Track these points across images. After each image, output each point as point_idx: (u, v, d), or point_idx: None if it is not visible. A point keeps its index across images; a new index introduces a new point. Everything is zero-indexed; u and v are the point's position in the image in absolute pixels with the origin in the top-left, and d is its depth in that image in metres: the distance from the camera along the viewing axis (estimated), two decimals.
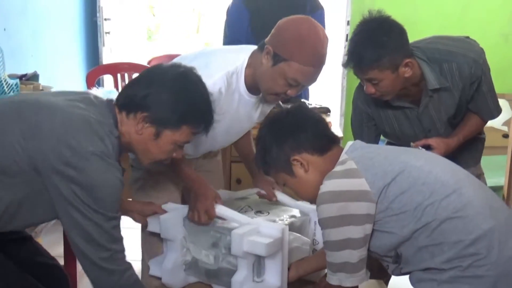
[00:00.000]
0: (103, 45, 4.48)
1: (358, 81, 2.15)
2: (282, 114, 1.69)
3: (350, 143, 1.62)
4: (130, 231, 3.39)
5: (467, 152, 2.19)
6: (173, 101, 1.59)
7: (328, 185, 1.49)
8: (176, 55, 4.94)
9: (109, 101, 1.66)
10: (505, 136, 3.03)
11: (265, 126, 1.69)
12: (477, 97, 2.09)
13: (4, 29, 3.27)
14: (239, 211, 1.99)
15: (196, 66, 1.86)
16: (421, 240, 1.43)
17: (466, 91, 2.06)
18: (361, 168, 1.49)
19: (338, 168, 1.53)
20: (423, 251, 1.43)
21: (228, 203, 2.07)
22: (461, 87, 2.04)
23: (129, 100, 1.62)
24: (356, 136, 2.24)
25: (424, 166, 1.50)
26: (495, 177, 2.76)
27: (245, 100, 1.97)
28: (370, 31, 1.93)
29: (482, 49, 2.07)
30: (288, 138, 1.60)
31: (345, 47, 4.10)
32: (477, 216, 1.42)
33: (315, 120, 1.65)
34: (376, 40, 1.91)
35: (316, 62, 1.83)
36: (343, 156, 1.56)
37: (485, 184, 2.20)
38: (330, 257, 1.50)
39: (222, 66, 1.90)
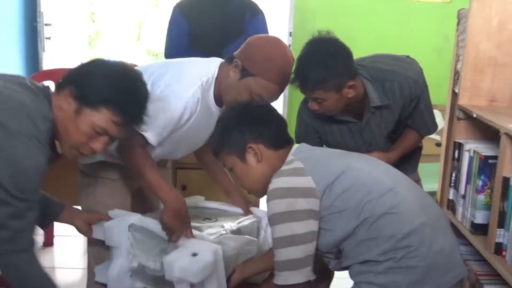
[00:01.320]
0: (44, 50, 4.38)
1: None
2: (252, 104, 1.75)
3: (296, 145, 1.70)
4: (74, 239, 3.37)
5: (406, 160, 2.30)
6: (101, 80, 1.59)
7: (278, 182, 1.56)
8: None
9: (46, 86, 1.65)
10: (438, 144, 3.18)
11: (233, 109, 1.75)
12: (415, 115, 2.20)
13: None
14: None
15: (165, 76, 1.92)
16: (360, 234, 1.51)
17: (406, 109, 2.16)
18: (307, 168, 1.57)
19: (285, 167, 1.60)
20: (361, 245, 1.52)
21: None
22: (401, 105, 2.14)
23: (63, 79, 1.63)
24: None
25: (364, 168, 1.60)
26: (430, 183, 2.89)
27: (211, 111, 2.01)
28: (317, 53, 1.99)
29: (421, 68, 2.18)
30: (252, 126, 1.67)
31: None
32: (410, 213, 1.52)
33: (279, 120, 1.74)
34: (322, 63, 1.96)
35: (281, 80, 1.92)
36: (289, 157, 1.64)
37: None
38: (277, 255, 1.55)
39: (197, 76, 1.94)
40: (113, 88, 1.58)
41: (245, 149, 1.65)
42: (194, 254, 1.77)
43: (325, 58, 1.97)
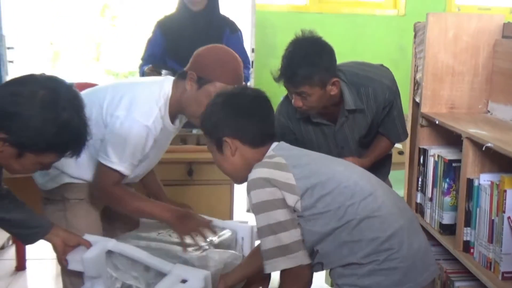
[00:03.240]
0: (7, 74, 4.34)
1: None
2: (242, 94, 1.75)
3: (276, 143, 1.71)
4: (46, 262, 3.34)
5: (378, 166, 2.39)
6: (39, 130, 1.52)
7: (259, 172, 1.57)
8: (81, 83, 4.89)
9: None
10: (401, 153, 3.29)
11: (224, 95, 1.74)
12: (387, 121, 2.29)
13: None
14: (169, 234, 2.06)
15: (120, 103, 1.95)
16: (343, 237, 1.55)
17: (378, 114, 2.26)
18: (290, 164, 1.59)
19: (266, 160, 1.62)
20: (344, 247, 1.55)
21: (154, 227, 2.14)
22: (374, 110, 2.23)
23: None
24: None
25: (344, 172, 1.65)
26: (396, 190, 2.99)
27: (169, 132, 2.09)
28: (303, 50, 2.09)
29: (394, 77, 2.29)
30: (231, 120, 1.67)
31: (250, 74, 4.28)
32: (390, 216, 1.58)
33: (264, 116, 1.72)
34: (309, 59, 2.06)
35: (237, 80, 2.01)
36: (270, 152, 1.66)
37: None
38: (263, 245, 1.56)
39: (153, 102, 1.98)
40: (53, 134, 1.54)
41: (222, 141, 1.68)
42: (184, 281, 1.77)
43: (311, 55, 2.07)
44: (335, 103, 2.20)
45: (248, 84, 3.63)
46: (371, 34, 4.98)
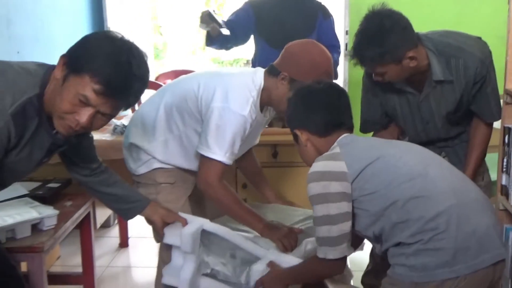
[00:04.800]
0: None
1: (361, 76, 2.28)
2: (311, 87, 1.81)
3: (345, 134, 1.75)
4: (147, 240, 3.55)
5: None
6: (93, 48, 1.52)
7: (316, 166, 1.66)
8: (182, 71, 5.09)
9: (51, 65, 1.61)
10: None
11: (295, 90, 1.85)
12: (480, 98, 2.15)
13: (18, 52, 3.44)
14: None
15: (215, 94, 2.03)
16: (392, 218, 1.56)
17: (469, 90, 2.12)
18: (343, 152, 1.65)
19: (327, 152, 1.70)
20: (395, 228, 1.57)
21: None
22: (464, 84, 2.11)
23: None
24: (363, 114, 2.35)
25: (396, 153, 1.66)
26: (493, 173, 2.84)
27: (258, 121, 2.14)
28: (370, 30, 2.00)
29: (490, 51, 2.14)
30: (298, 112, 1.78)
31: (345, 56, 4.23)
32: (438, 196, 1.55)
33: (332, 106, 1.77)
34: (375, 40, 1.97)
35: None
36: (335, 143, 1.72)
37: (489, 179, 2.35)
38: (317, 232, 1.65)
39: (246, 91, 2.05)
40: (101, 57, 1.49)
41: (295, 133, 1.78)
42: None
43: (378, 34, 1.98)
44: (422, 72, 2.10)
45: (339, 68, 3.61)
46: (478, 8, 4.71)
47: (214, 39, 3.17)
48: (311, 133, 1.75)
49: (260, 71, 2.12)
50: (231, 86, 2.04)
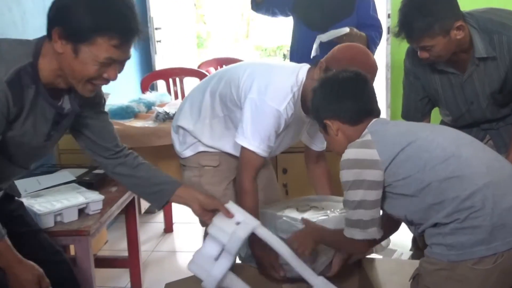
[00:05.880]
0: (155, 53, 4.69)
1: (402, 72, 2.24)
2: (336, 76, 1.78)
3: (374, 120, 1.73)
4: (192, 225, 3.62)
5: None
6: (81, 10, 1.47)
7: (348, 154, 1.65)
8: (225, 58, 5.09)
9: (42, 36, 1.59)
10: None
11: (321, 80, 1.81)
12: None
13: None
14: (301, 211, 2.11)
15: (252, 87, 2.03)
16: (427, 200, 1.55)
17: None
18: (374, 140, 1.64)
19: (358, 139, 1.68)
20: (430, 210, 1.56)
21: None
22: (508, 61, 2.05)
23: (48, 22, 1.53)
24: (405, 99, 2.33)
25: (428, 136, 1.64)
26: None
27: (299, 117, 2.12)
28: (418, 1, 1.99)
29: None
30: (327, 102, 1.75)
31: (387, 40, 4.18)
32: (473, 175, 1.53)
33: (361, 94, 1.75)
34: (424, 9, 1.95)
35: None
36: (365, 130, 1.70)
37: None
38: (347, 214, 1.66)
39: (287, 87, 2.03)
40: (95, 13, 1.47)
41: (324, 123, 1.76)
42: None
43: (426, 4, 1.96)
44: (464, 50, 2.06)
45: (381, 52, 3.53)
46: None
47: (260, 4, 3.20)
48: (343, 123, 1.73)
49: (305, 67, 2.11)
50: (273, 80, 2.04)
